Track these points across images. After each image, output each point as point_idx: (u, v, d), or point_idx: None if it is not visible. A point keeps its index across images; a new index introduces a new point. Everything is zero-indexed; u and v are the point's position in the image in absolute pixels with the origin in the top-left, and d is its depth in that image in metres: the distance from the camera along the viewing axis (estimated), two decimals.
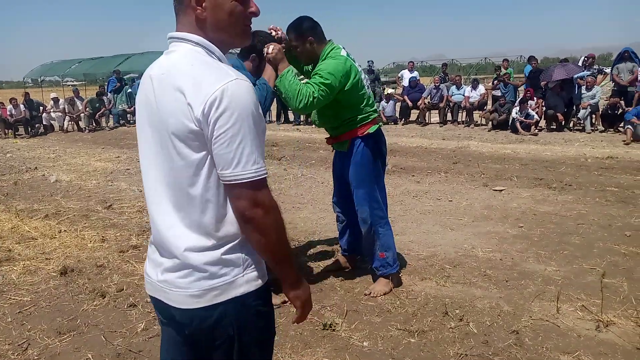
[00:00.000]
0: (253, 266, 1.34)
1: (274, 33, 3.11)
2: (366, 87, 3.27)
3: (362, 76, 3.22)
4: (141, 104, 1.35)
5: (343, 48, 3.21)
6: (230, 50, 1.51)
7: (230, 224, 1.28)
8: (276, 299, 3.29)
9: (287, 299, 1.46)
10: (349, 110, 3.21)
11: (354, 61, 3.21)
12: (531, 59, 13.65)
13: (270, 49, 2.94)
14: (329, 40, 3.23)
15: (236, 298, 1.30)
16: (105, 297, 3.55)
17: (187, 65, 1.24)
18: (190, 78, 1.20)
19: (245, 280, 1.31)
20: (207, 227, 1.27)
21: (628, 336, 2.78)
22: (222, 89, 1.16)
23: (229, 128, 1.17)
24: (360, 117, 3.24)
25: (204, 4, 1.27)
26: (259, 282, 1.34)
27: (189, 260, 1.27)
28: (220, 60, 1.30)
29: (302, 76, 3.32)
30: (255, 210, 1.22)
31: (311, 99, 2.92)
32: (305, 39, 3.14)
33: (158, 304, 1.39)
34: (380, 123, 3.40)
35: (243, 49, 3.14)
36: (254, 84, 3.00)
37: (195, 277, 1.28)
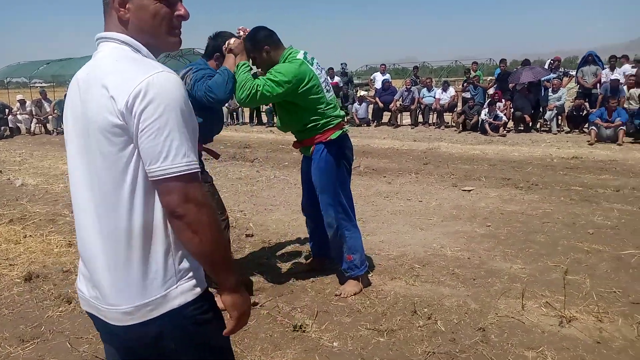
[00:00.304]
0: (188, 274, 1.27)
1: (241, 33, 3.14)
2: (326, 92, 3.23)
3: (321, 80, 3.21)
4: (67, 108, 1.30)
5: (305, 53, 3.22)
6: (193, 52, 1.49)
7: (160, 231, 1.22)
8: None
9: (256, 302, 1.44)
10: (308, 114, 3.20)
11: (316, 64, 3.23)
12: (502, 61, 13.97)
13: (232, 40, 3.07)
14: (288, 46, 3.26)
15: (172, 311, 1.23)
16: (71, 302, 3.48)
17: (111, 61, 1.21)
18: (114, 72, 1.17)
19: (179, 291, 1.24)
20: (134, 235, 1.20)
21: (589, 331, 2.87)
22: (147, 81, 1.12)
23: (156, 120, 1.12)
24: (322, 122, 3.22)
25: (127, 5, 1.24)
26: (197, 291, 1.28)
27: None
28: (147, 57, 1.27)
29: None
30: (187, 206, 1.15)
31: (254, 91, 2.95)
32: (262, 48, 3.16)
33: (96, 320, 1.32)
34: (346, 129, 3.37)
35: (207, 48, 3.15)
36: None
37: (126, 292, 1.21)
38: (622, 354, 2.64)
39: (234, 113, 16.49)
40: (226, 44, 3.08)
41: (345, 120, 3.47)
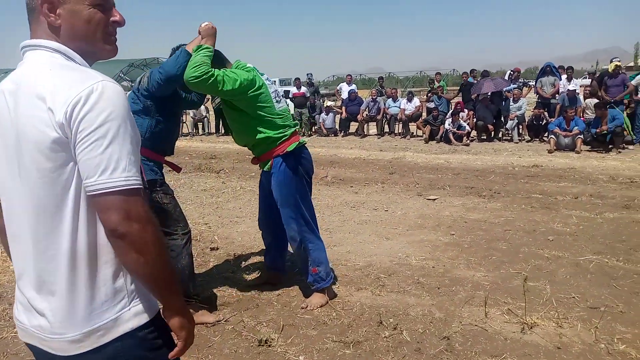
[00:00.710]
0: (141, 295, 1.21)
1: (204, 24, 3.11)
2: (275, 102, 3.22)
3: (271, 90, 3.23)
4: None
5: (254, 67, 3.27)
6: (157, 61, 1.43)
7: (107, 250, 1.14)
8: (210, 317, 3.22)
9: (221, 318, 1.39)
10: (257, 122, 3.17)
11: (265, 77, 3.26)
12: (473, 71, 14.34)
13: (204, 24, 3.04)
14: (236, 60, 3.31)
15: (125, 335, 1.17)
16: None
17: (45, 70, 1.12)
18: (49, 83, 1.09)
19: (133, 313, 1.18)
20: (79, 257, 1.12)
21: (550, 336, 2.93)
22: (87, 90, 1.06)
23: (95, 130, 1.05)
24: (275, 134, 3.20)
25: (58, 11, 1.16)
26: (151, 312, 1.22)
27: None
28: (81, 66, 1.20)
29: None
30: (129, 224, 1.07)
31: (206, 75, 2.84)
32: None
33: (38, 352, 1.22)
34: (303, 140, 3.36)
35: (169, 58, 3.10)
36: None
37: (73, 318, 1.13)
38: (581, 358, 2.71)
39: (200, 123, 16.31)
40: (200, 25, 3.06)
41: (309, 130, 3.48)
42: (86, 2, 1.19)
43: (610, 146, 9.91)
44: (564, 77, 12.42)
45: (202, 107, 15.75)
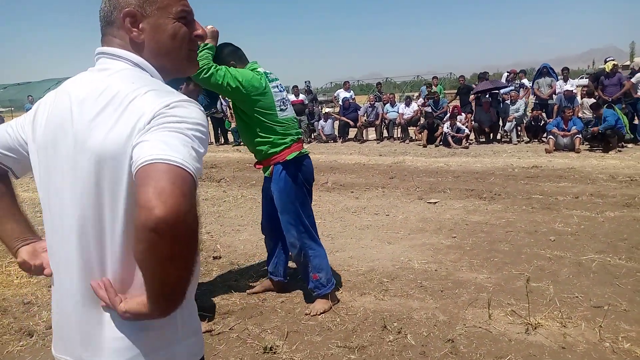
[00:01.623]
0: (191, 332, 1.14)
1: (209, 27, 3.17)
2: (280, 110, 3.25)
3: (276, 98, 3.25)
4: (50, 127, 1.08)
5: (266, 71, 3.31)
6: None
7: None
8: (203, 326, 3.23)
9: (212, 328, 1.33)
10: (257, 126, 3.21)
11: (277, 83, 3.32)
12: (461, 77, 14.41)
13: (210, 26, 3.10)
14: (253, 61, 3.35)
15: None
16: (33, 336, 3.34)
17: (128, 82, 1.02)
18: (132, 96, 0.99)
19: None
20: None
21: (554, 337, 2.93)
22: (166, 104, 0.98)
23: (164, 123, 0.95)
24: (278, 141, 3.24)
25: (140, 25, 1.08)
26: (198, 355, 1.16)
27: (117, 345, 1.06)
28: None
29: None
30: (168, 207, 0.85)
31: (207, 68, 2.94)
32: (228, 64, 3.21)
33: None
34: (305, 150, 3.39)
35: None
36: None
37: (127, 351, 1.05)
38: (586, 358, 2.71)
39: None
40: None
41: (309, 137, 3.53)
42: (171, 15, 1.10)
43: (609, 145, 9.92)
44: (560, 78, 12.47)
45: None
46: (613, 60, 11.42)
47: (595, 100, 10.94)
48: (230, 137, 15.69)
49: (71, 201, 1.05)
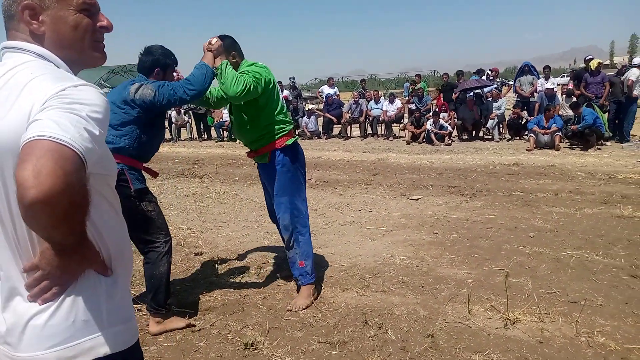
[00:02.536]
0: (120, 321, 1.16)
1: (214, 41, 3.18)
2: (282, 98, 3.39)
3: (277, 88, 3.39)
4: None
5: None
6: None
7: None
8: (181, 322, 3.22)
9: (192, 323, 1.35)
10: (266, 117, 3.30)
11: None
12: (445, 74, 14.49)
13: (214, 41, 3.15)
14: (244, 60, 3.40)
15: None
16: None
17: (26, 74, 1.04)
18: (29, 85, 1.01)
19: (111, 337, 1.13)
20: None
21: (532, 331, 2.98)
22: (66, 86, 0.99)
23: (57, 105, 0.96)
24: (277, 127, 3.34)
25: (40, 18, 1.09)
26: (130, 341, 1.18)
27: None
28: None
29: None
30: (42, 180, 0.87)
31: (248, 86, 3.02)
32: (229, 54, 3.28)
33: None
34: (297, 137, 3.51)
35: (144, 65, 3.09)
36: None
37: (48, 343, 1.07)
38: (563, 352, 2.75)
39: (183, 129, 16.22)
40: (208, 42, 3.16)
41: (296, 132, 3.59)
42: (72, 7, 1.12)
43: (588, 143, 10.07)
44: (541, 76, 12.62)
45: (183, 116, 15.68)
46: (596, 59, 11.58)
47: (575, 99, 11.09)
48: (214, 132, 15.59)
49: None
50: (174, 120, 15.47)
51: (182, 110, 15.55)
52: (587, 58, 11.76)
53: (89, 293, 1.11)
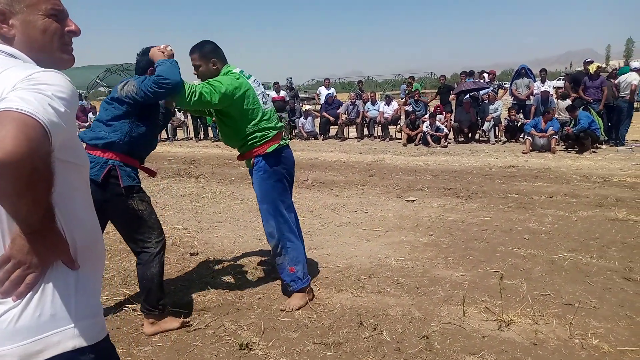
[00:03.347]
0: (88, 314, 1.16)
1: (169, 48, 3.13)
2: (262, 103, 3.32)
3: (258, 92, 3.32)
4: None
5: (241, 70, 3.34)
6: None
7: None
8: (175, 323, 3.21)
9: (186, 322, 1.34)
10: (244, 124, 3.27)
11: (252, 79, 3.35)
12: (442, 76, 14.52)
13: (168, 48, 3.06)
14: (227, 64, 3.38)
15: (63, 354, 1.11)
16: None
17: None
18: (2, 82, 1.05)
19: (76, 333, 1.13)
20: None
21: (526, 333, 2.99)
22: (30, 73, 1.03)
23: (24, 87, 1.00)
24: (259, 135, 3.31)
25: (10, 22, 1.15)
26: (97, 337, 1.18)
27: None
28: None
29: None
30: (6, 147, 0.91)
31: (193, 92, 2.99)
32: (209, 59, 3.28)
33: None
34: (285, 141, 3.45)
35: (139, 65, 3.11)
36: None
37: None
38: (557, 353, 2.77)
39: (179, 129, 16.20)
40: (164, 47, 3.07)
41: (290, 134, 3.57)
42: (40, 12, 1.18)
43: (583, 146, 10.12)
44: (537, 79, 12.67)
45: (180, 112, 15.66)
46: (596, 62, 11.62)
47: (570, 102, 11.13)
48: (210, 132, 15.58)
49: None
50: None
51: (177, 110, 15.51)
52: (586, 61, 11.80)
53: (58, 285, 1.12)
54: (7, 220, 1.07)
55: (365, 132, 14.28)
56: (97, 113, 3.11)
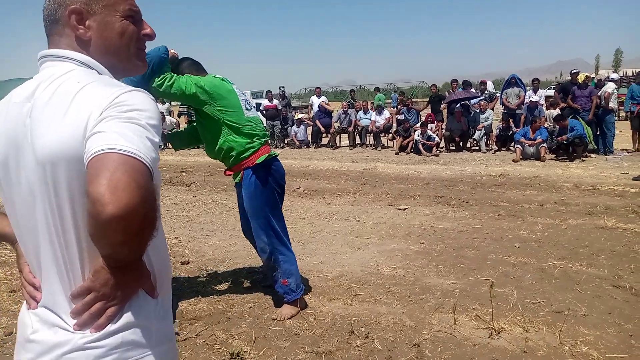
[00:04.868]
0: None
1: (173, 51, 3.25)
2: (245, 109, 3.30)
3: (240, 98, 3.32)
4: (4, 141, 1.05)
5: (224, 78, 3.39)
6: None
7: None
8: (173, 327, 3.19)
9: (176, 331, 1.32)
10: (227, 130, 3.23)
11: (234, 87, 3.37)
12: (433, 85, 14.59)
13: (173, 50, 3.22)
14: (209, 74, 3.42)
15: None
16: None
17: (73, 83, 1.00)
18: (79, 95, 0.98)
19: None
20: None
21: (516, 341, 3.00)
22: (116, 95, 0.97)
23: (117, 115, 0.94)
24: (244, 143, 3.26)
25: (87, 23, 1.07)
26: None
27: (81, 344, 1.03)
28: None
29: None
30: (120, 195, 0.85)
31: (168, 77, 3.04)
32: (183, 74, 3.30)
33: None
34: (274, 152, 3.41)
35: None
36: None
37: None
38: None
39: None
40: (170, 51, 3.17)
41: (282, 142, 3.57)
42: (118, 13, 1.10)
43: (574, 154, 10.22)
44: (529, 88, 12.80)
45: (173, 119, 15.65)
46: (583, 72, 11.78)
47: (559, 112, 11.24)
48: None
49: (34, 209, 1.03)
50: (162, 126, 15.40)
51: (166, 112, 15.48)
52: (573, 72, 11.95)
53: (138, 312, 1.06)
54: (88, 248, 1.01)
55: (358, 140, 14.33)
56: None
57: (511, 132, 11.89)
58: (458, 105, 12.80)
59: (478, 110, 12.60)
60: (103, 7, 1.09)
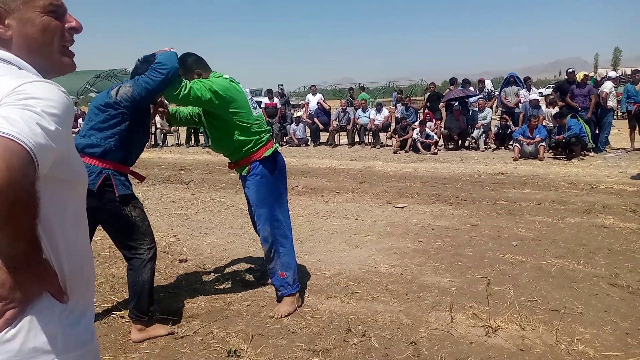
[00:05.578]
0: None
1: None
2: (252, 108, 3.35)
3: (248, 97, 3.38)
4: None
5: (230, 77, 3.38)
6: (125, 72, 1.28)
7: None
8: (162, 329, 3.20)
9: (174, 330, 1.27)
10: (237, 129, 3.28)
11: (240, 86, 3.38)
12: (432, 84, 14.61)
13: (169, 48, 3.15)
14: (213, 71, 3.41)
15: None
16: None
17: None
18: None
19: None
20: None
21: (513, 339, 3.01)
22: (18, 84, 0.95)
23: (12, 102, 0.92)
24: (253, 139, 3.33)
25: (6, 22, 1.04)
26: None
27: None
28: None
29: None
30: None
31: (184, 86, 3.04)
32: (193, 71, 3.30)
33: None
34: (277, 146, 3.51)
35: (137, 72, 3.10)
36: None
37: None
38: (543, 359, 2.79)
39: (170, 135, 16.15)
40: (167, 49, 3.14)
41: (281, 140, 3.59)
42: (38, 8, 1.08)
43: (572, 153, 10.23)
44: (523, 87, 12.80)
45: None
46: (581, 71, 11.77)
47: (558, 110, 11.25)
48: (202, 138, 15.55)
49: None
50: (159, 125, 15.38)
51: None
52: (569, 70, 11.96)
53: (42, 318, 1.02)
54: None
55: (356, 139, 14.34)
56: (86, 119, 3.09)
57: (509, 130, 11.90)
58: (457, 103, 12.81)
59: (476, 109, 12.61)
60: (21, 4, 1.07)
